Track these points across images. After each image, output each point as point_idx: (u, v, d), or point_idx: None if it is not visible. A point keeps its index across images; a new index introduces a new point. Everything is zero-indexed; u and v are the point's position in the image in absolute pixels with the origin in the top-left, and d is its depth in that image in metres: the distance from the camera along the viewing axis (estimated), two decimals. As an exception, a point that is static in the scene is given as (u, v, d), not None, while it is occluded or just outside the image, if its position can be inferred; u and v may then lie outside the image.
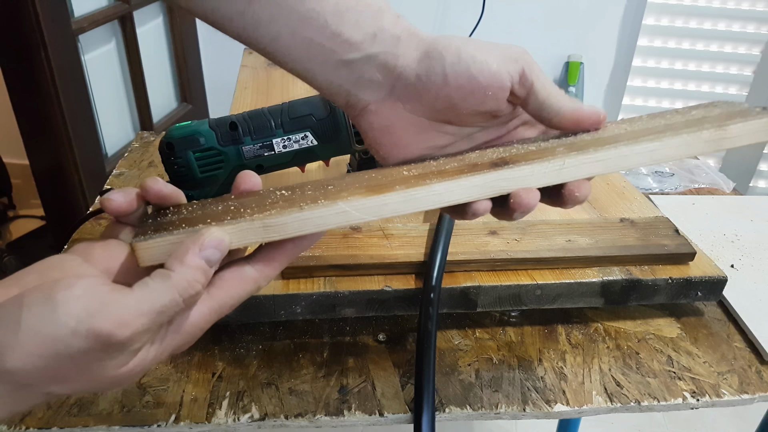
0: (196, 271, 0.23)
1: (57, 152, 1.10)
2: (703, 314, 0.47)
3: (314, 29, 0.27)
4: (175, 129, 0.46)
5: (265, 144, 0.46)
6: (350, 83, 0.28)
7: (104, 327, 0.21)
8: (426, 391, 0.36)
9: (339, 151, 0.47)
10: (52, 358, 0.21)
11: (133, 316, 0.22)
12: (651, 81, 1.67)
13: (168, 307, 0.23)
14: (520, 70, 0.28)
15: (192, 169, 0.46)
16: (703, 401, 0.39)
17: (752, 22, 1.57)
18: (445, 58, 0.27)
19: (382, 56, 0.28)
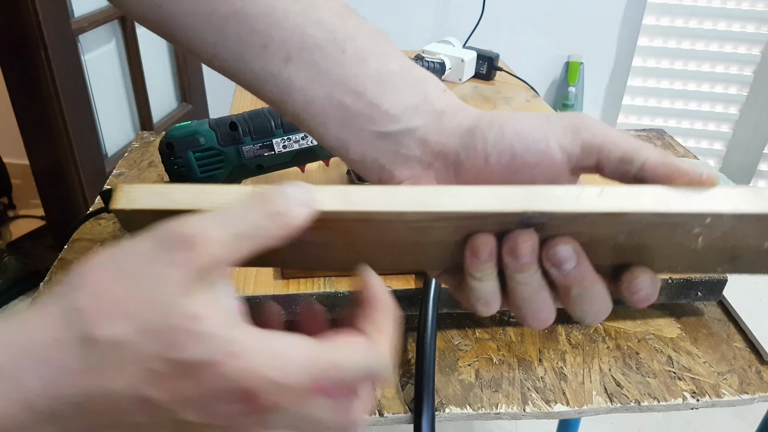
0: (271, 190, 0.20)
1: (57, 152, 1.10)
2: (703, 314, 0.47)
3: (352, 95, 0.25)
4: (175, 129, 0.46)
5: (265, 144, 0.46)
6: (386, 157, 0.26)
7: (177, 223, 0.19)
8: (426, 392, 0.36)
9: None
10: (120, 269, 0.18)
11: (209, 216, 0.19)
12: (651, 81, 1.67)
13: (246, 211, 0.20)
14: (579, 142, 0.24)
15: (192, 169, 0.46)
16: (703, 401, 0.39)
17: (752, 22, 1.57)
18: (487, 136, 0.24)
19: (423, 130, 0.25)
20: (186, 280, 0.18)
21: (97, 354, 0.17)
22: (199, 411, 0.18)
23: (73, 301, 0.18)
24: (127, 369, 0.18)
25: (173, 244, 0.19)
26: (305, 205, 0.21)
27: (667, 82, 1.67)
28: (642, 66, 1.65)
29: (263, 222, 0.20)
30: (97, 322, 0.17)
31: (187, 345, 0.18)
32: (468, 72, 0.86)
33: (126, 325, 0.18)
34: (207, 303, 0.18)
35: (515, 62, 1.01)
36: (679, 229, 0.25)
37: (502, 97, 0.81)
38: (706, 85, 1.66)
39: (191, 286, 0.18)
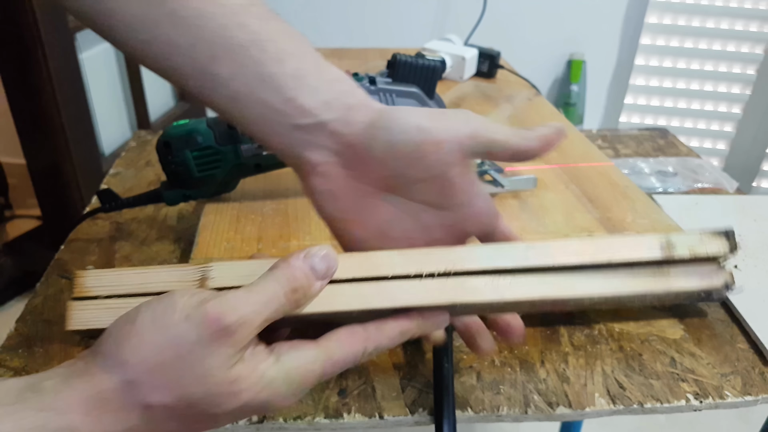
0: (299, 269, 0.26)
1: (54, 152, 1.09)
2: (707, 315, 0.47)
3: (272, 92, 0.28)
4: (172, 128, 0.46)
5: None
6: (301, 146, 0.29)
7: (214, 310, 0.23)
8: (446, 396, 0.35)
9: None
10: (165, 347, 0.22)
11: (241, 301, 0.23)
12: (654, 80, 1.66)
13: (273, 296, 0.24)
14: (470, 132, 0.29)
15: (189, 168, 0.45)
16: (706, 403, 0.39)
17: (755, 21, 1.56)
18: (391, 126, 0.28)
19: (333, 123, 0.28)
20: (227, 363, 0.23)
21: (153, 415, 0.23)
22: None
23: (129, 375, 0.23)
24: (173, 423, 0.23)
25: (215, 332, 0.23)
26: (324, 278, 0.27)
27: (669, 81, 1.66)
28: (644, 65, 1.64)
29: (287, 306, 0.25)
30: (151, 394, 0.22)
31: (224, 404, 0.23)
32: (469, 70, 0.86)
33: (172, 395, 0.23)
34: (242, 371, 0.24)
35: (517, 60, 1.01)
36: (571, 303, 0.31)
37: (504, 96, 0.81)
38: (709, 84, 1.65)
39: (231, 366, 0.23)
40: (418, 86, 0.49)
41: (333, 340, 0.26)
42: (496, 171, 0.54)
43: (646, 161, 0.73)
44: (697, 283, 0.30)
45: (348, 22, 1.60)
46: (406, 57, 0.49)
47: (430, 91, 0.51)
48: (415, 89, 0.49)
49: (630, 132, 0.84)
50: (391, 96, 0.48)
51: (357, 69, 0.55)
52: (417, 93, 0.49)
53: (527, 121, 0.71)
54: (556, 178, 0.57)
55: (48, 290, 0.46)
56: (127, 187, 0.62)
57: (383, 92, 0.48)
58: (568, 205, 0.52)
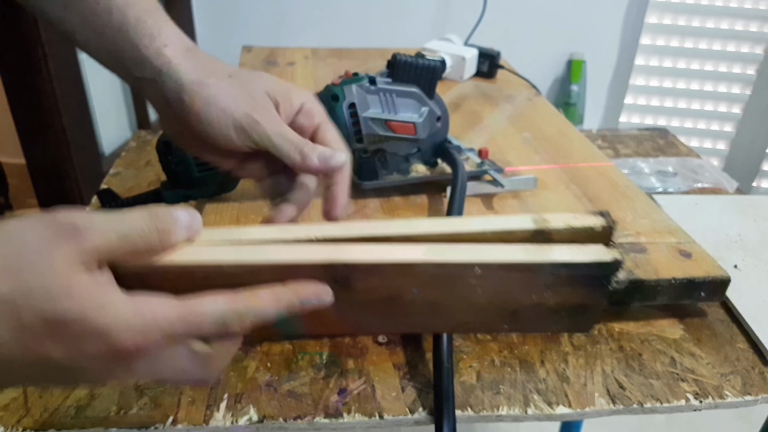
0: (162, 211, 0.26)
1: (54, 151, 1.09)
2: (707, 315, 0.47)
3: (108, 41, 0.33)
4: None
5: None
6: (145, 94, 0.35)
7: (66, 214, 0.23)
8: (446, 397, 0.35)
9: None
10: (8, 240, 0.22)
11: (97, 215, 0.24)
12: (654, 80, 1.66)
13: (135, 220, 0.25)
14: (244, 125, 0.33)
15: (189, 168, 0.46)
16: (706, 403, 0.39)
17: (755, 21, 1.56)
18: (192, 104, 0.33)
19: (154, 84, 0.34)
20: (69, 260, 0.22)
21: None
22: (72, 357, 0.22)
23: None
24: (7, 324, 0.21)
25: (64, 229, 0.23)
26: (187, 229, 0.27)
27: (669, 81, 1.66)
28: (644, 65, 1.64)
29: (148, 233, 0.25)
30: None
31: (62, 301, 0.22)
32: (469, 70, 0.86)
33: (8, 284, 0.21)
34: (84, 278, 0.23)
35: (517, 60, 1.01)
36: (458, 280, 0.32)
37: (504, 96, 0.81)
38: (709, 84, 1.65)
39: (73, 266, 0.22)
40: (418, 86, 0.49)
41: (195, 296, 0.25)
42: (495, 171, 0.54)
43: (646, 161, 0.73)
44: (583, 257, 0.34)
45: (349, 23, 1.60)
46: (406, 57, 0.49)
47: (430, 91, 0.50)
48: (414, 89, 0.49)
49: (630, 132, 0.84)
50: (391, 96, 0.48)
51: (358, 69, 0.55)
52: (417, 93, 0.49)
53: (527, 122, 0.71)
54: (556, 178, 0.57)
55: None
56: (128, 187, 0.62)
57: (383, 92, 0.48)
58: (568, 205, 0.52)
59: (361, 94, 0.47)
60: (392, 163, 0.51)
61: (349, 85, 0.47)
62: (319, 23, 1.61)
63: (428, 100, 0.50)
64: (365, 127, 0.48)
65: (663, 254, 0.46)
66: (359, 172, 0.50)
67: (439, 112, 0.51)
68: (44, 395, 0.36)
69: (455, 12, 1.58)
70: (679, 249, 0.47)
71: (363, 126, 0.48)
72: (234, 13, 1.58)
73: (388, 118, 0.48)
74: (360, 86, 0.47)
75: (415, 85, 0.49)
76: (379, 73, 0.50)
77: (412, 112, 0.49)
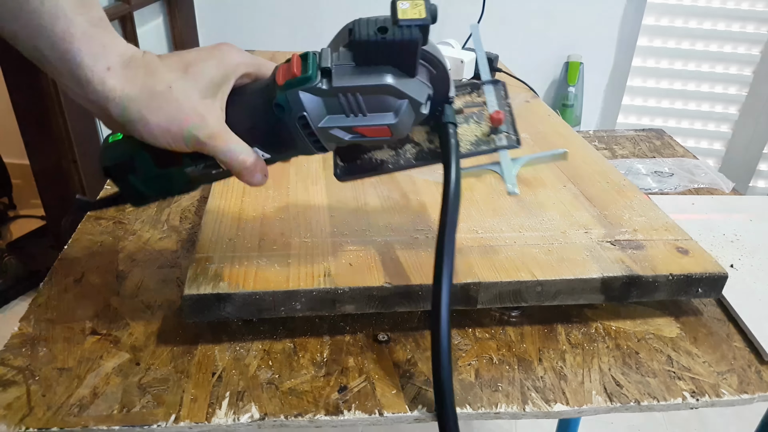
0: None
1: (57, 152, 1.10)
2: (703, 314, 0.47)
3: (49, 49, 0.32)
4: (107, 149, 0.39)
5: (209, 164, 0.38)
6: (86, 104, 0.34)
7: None
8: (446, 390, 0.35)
9: (300, 154, 0.39)
10: None
11: None
12: (651, 81, 1.67)
13: None
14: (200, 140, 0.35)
15: (140, 192, 0.39)
16: (702, 401, 0.39)
17: (752, 22, 1.57)
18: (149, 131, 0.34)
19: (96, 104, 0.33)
20: None
21: None
22: None
23: None
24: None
25: None
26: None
27: (666, 82, 1.67)
28: (642, 66, 1.65)
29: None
30: None
31: None
32: (467, 73, 0.86)
33: None
34: None
35: (515, 62, 1.01)
36: None
37: (502, 97, 0.81)
38: (705, 85, 1.66)
39: None
40: (392, 65, 0.35)
41: None
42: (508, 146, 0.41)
43: (643, 162, 0.74)
44: None
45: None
46: (368, 33, 0.34)
47: (410, 69, 0.36)
48: (387, 79, 0.35)
49: (626, 133, 0.85)
50: (354, 96, 0.35)
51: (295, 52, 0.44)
52: (389, 86, 0.35)
53: (525, 124, 0.72)
54: (554, 177, 0.58)
55: (52, 290, 0.46)
56: (130, 188, 0.62)
57: (343, 92, 0.35)
58: (565, 204, 0.53)
59: (314, 102, 0.35)
60: None
61: (295, 89, 0.35)
62: (320, 26, 1.62)
63: (407, 82, 0.36)
64: (325, 138, 0.37)
65: (660, 251, 0.46)
66: (340, 153, 0.42)
67: (427, 91, 0.37)
68: (47, 394, 0.37)
69: (454, 13, 1.59)
70: (676, 246, 0.47)
71: (322, 137, 0.37)
72: (236, 17, 1.59)
73: (353, 124, 0.36)
74: (310, 90, 0.35)
75: (388, 68, 0.35)
76: (341, 42, 0.37)
77: (385, 111, 0.36)
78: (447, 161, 0.38)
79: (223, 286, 0.40)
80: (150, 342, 0.41)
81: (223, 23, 1.58)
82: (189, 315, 0.40)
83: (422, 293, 0.41)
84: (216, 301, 0.40)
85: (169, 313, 0.44)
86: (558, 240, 0.47)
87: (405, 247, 0.45)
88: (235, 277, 0.41)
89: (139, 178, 0.38)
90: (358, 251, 0.44)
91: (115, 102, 0.33)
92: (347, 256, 0.44)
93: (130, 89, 0.33)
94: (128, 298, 0.46)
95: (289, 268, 0.42)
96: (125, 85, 0.33)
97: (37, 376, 0.38)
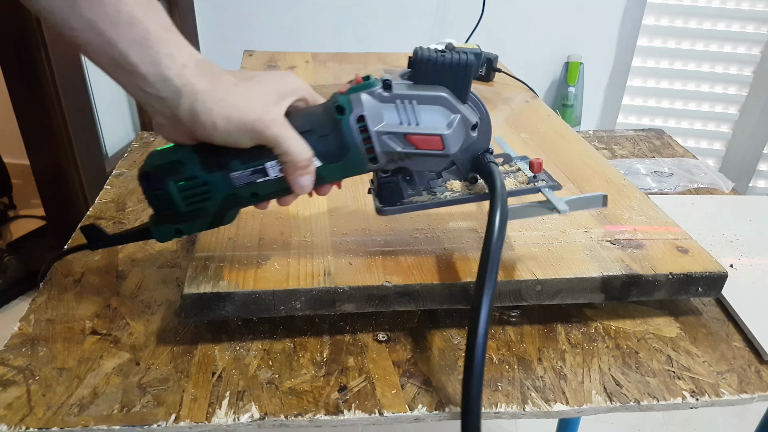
0: None
1: (57, 152, 1.10)
2: (702, 314, 0.47)
3: (115, 54, 0.34)
4: (153, 155, 0.39)
5: (257, 169, 0.38)
6: (148, 106, 0.36)
7: None
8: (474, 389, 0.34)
9: (349, 172, 0.40)
10: None
11: None
12: (651, 81, 1.67)
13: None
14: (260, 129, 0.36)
15: (173, 201, 0.39)
16: (702, 401, 0.39)
17: (752, 22, 1.57)
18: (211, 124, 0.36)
19: (168, 101, 0.35)
20: None
21: None
22: None
23: None
24: None
25: None
26: None
27: (666, 82, 1.67)
28: (641, 66, 1.65)
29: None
30: None
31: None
32: (468, 72, 0.86)
33: None
34: None
35: (514, 62, 1.01)
36: None
37: (502, 98, 0.81)
38: (705, 85, 1.66)
39: None
40: (446, 87, 0.39)
41: None
42: (550, 187, 0.44)
43: (643, 162, 0.74)
44: None
45: (349, 27, 1.61)
46: (429, 53, 0.39)
47: (463, 93, 0.40)
48: (442, 93, 0.39)
49: (626, 133, 0.85)
50: (410, 103, 0.38)
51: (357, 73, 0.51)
52: (444, 98, 0.39)
53: (525, 124, 0.72)
54: (554, 177, 0.58)
55: (51, 290, 0.46)
56: (130, 188, 0.63)
57: (400, 99, 0.38)
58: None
59: (373, 104, 0.38)
60: (420, 180, 0.43)
61: (357, 93, 0.38)
62: (320, 28, 1.62)
63: (459, 104, 0.39)
64: (379, 144, 0.38)
65: (660, 250, 0.46)
66: (380, 195, 0.43)
67: (476, 118, 0.40)
68: (48, 394, 0.37)
69: (453, 16, 1.59)
70: (676, 245, 0.47)
71: (376, 143, 0.38)
72: (236, 18, 1.59)
73: (407, 131, 0.38)
74: (371, 93, 0.38)
75: (442, 87, 0.39)
76: (399, 74, 0.40)
77: (438, 122, 0.39)
78: (493, 192, 0.39)
79: (223, 285, 0.40)
80: (150, 342, 0.41)
81: (223, 24, 1.58)
82: (189, 314, 0.40)
83: (421, 292, 0.41)
84: (216, 300, 0.40)
85: (169, 313, 0.44)
86: (558, 239, 0.47)
87: (405, 246, 0.45)
88: (234, 276, 0.41)
89: (179, 183, 0.38)
90: (358, 250, 0.45)
91: (186, 96, 0.35)
92: (347, 255, 0.44)
93: (201, 85, 0.35)
94: (128, 298, 0.46)
95: (289, 267, 0.42)
96: (197, 80, 0.35)
97: (37, 376, 0.38)
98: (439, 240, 0.47)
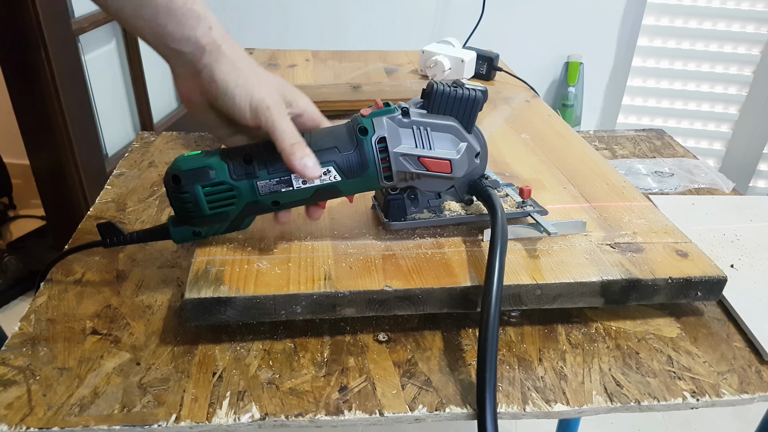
0: None
1: (57, 152, 1.10)
2: (703, 314, 0.47)
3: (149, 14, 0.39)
4: (182, 160, 0.42)
5: (282, 179, 0.42)
6: (171, 59, 0.42)
7: None
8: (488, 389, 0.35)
9: (365, 187, 0.44)
10: None
11: None
12: (651, 81, 1.67)
13: None
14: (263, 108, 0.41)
15: (200, 205, 0.42)
16: (702, 401, 0.39)
17: (752, 22, 1.57)
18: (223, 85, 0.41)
19: (190, 56, 0.41)
20: None
21: None
22: None
23: None
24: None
25: None
26: None
27: (666, 82, 1.67)
28: (642, 66, 1.65)
29: None
30: None
31: None
32: (468, 72, 0.86)
33: None
34: None
35: (515, 62, 1.01)
36: None
37: (502, 98, 0.81)
38: (705, 85, 1.66)
39: None
40: (455, 117, 0.44)
41: None
42: (538, 212, 0.49)
43: (643, 162, 0.74)
44: None
45: (349, 26, 1.61)
46: (443, 86, 0.44)
47: (469, 124, 0.45)
48: (452, 122, 0.44)
49: (626, 133, 0.85)
50: (425, 129, 0.44)
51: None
52: (454, 127, 0.44)
53: (525, 123, 0.72)
54: (553, 178, 0.58)
55: (52, 290, 0.46)
56: (131, 188, 0.63)
57: (416, 125, 0.43)
58: (565, 205, 0.53)
59: (393, 128, 0.43)
60: (422, 199, 0.48)
61: (380, 117, 0.43)
62: (320, 26, 1.62)
63: (467, 134, 0.45)
64: (396, 164, 0.43)
65: (660, 254, 0.46)
66: (386, 211, 0.47)
67: (479, 147, 0.46)
68: (48, 394, 0.37)
69: (454, 15, 1.59)
70: (675, 249, 0.47)
71: (393, 162, 0.43)
72: (236, 15, 1.59)
73: (421, 154, 0.43)
74: (391, 118, 0.43)
75: (452, 117, 0.44)
76: (412, 102, 0.45)
77: (448, 148, 0.44)
78: (492, 207, 0.45)
79: (224, 289, 0.40)
80: (150, 342, 0.41)
81: (223, 21, 1.58)
82: (190, 318, 0.40)
83: (422, 296, 0.41)
84: (216, 304, 0.40)
85: (170, 312, 0.44)
86: (558, 243, 0.47)
87: (405, 250, 0.45)
88: (235, 280, 0.41)
89: (205, 188, 0.41)
90: (358, 254, 0.45)
91: (210, 53, 0.40)
92: (347, 259, 0.44)
93: (226, 47, 0.41)
94: (128, 298, 0.46)
95: (290, 271, 0.42)
96: (222, 42, 0.41)
97: (37, 375, 0.38)
98: (440, 244, 0.47)
